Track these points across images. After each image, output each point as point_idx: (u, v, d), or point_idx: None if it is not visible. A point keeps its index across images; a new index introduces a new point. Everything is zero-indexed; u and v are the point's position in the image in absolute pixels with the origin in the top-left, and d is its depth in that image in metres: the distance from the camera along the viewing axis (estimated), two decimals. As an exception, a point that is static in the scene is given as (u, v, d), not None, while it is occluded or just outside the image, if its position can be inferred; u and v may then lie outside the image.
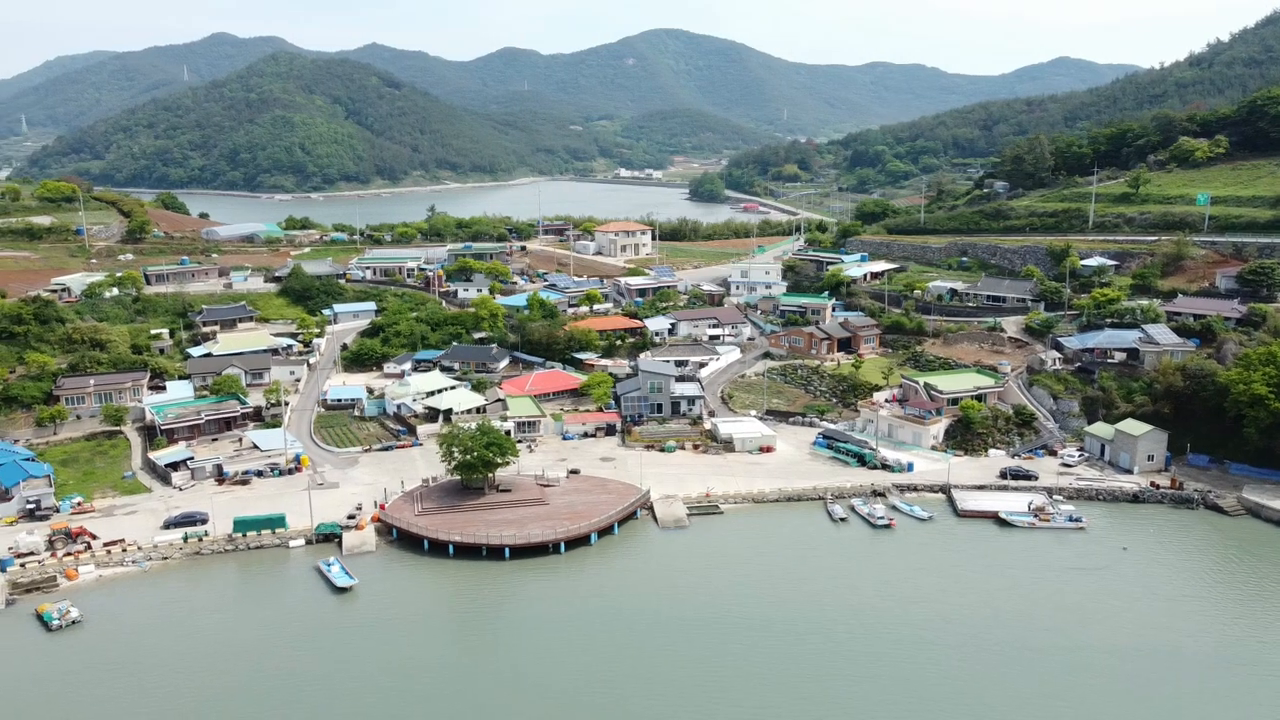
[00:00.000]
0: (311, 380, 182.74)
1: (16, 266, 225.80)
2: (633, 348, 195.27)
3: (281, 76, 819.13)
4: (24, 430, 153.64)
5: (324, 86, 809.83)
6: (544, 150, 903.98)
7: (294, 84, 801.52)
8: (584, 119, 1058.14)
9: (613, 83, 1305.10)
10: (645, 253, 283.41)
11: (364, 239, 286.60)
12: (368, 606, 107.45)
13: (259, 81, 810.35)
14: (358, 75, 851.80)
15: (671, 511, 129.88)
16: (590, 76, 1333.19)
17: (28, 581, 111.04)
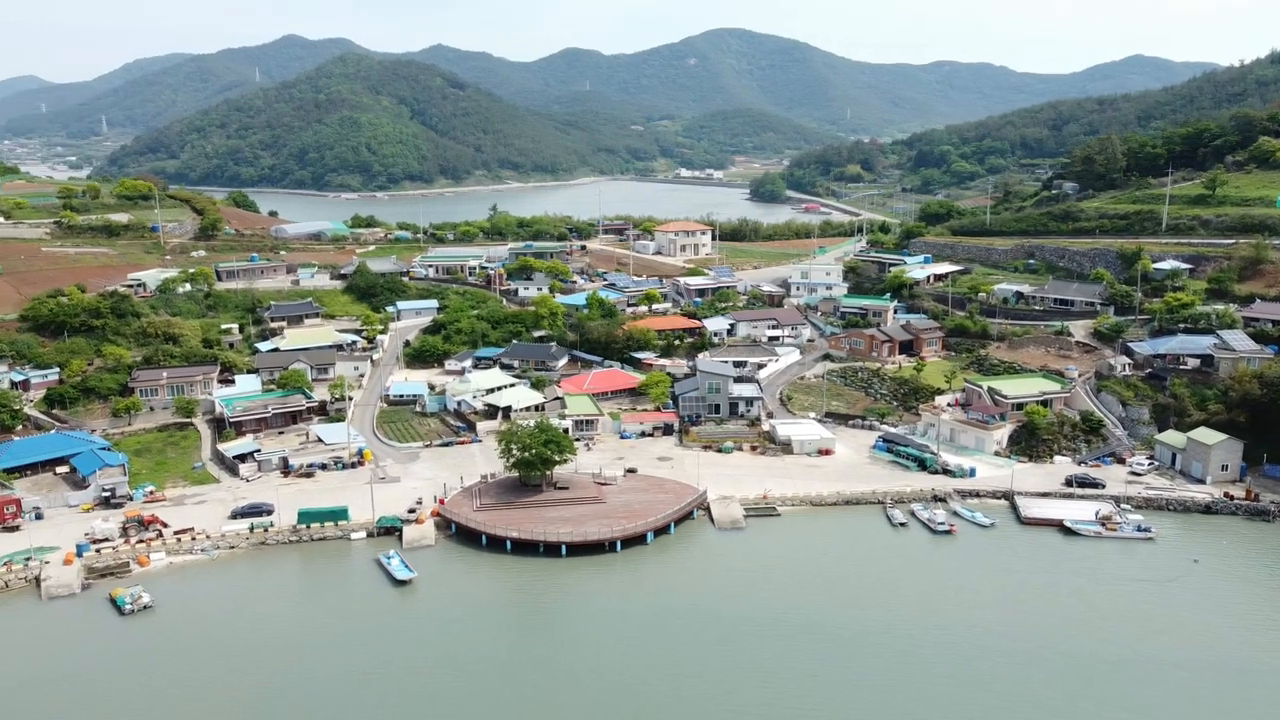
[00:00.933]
0: (375, 376, 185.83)
1: (95, 262, 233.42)
2: (691, 348, 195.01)
3: (349, 77, 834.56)
4: (101, 420, 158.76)
5: (390, 87, 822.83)
6: (605, 150, 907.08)
7: (361, 85, 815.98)
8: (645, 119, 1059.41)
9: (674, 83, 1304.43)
10: (705, 253, 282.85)
11: (427, 237, 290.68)
12: (426, 600, 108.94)
13: (327, 82, 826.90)
14: (423, 76, 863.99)
15: (728, 512, 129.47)
16: (652, 76, 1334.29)
17: (102, 567, 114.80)
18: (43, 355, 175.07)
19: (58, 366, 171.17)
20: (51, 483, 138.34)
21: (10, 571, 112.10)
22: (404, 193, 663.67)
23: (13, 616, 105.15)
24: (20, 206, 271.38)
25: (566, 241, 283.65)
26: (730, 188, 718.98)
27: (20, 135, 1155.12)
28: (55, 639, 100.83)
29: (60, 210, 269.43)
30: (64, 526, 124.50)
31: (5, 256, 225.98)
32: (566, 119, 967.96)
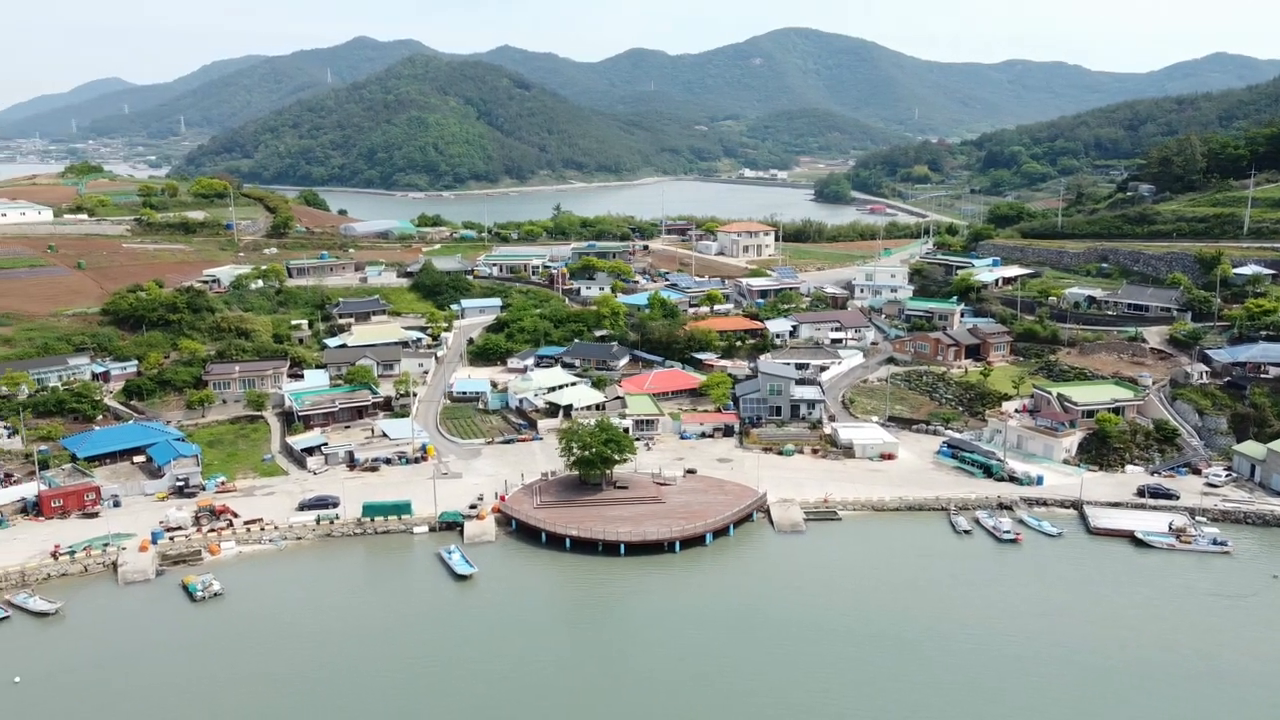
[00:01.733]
0: (439, 373, 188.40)
1: (173, 258, 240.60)
2: (753, 349, 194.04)
3: (418, 78, 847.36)
4: (175, 412, 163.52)
5: (457, 88, 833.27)
6: (669, 150, 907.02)
7: (429, 85, 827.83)
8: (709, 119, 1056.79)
9: (739, 83, 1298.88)
10: (768, 253, 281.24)
11: (492, 236, 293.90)
12: (486, 594, 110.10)
13: (396, 83, 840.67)
14: (489, 77, 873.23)
15: (788, 515, 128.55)
16: (716, 76, 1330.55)
17: (176, 554, 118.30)
18: (122, 348, 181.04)
19: (136, 359, 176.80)
20: (129, 471, 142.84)
21: (90, 556, 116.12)
22: (469, 192, 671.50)
23: (92, 599, 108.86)
24: (103, 204, 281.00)
25: (629, 241, 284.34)
26: (794, 188, 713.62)
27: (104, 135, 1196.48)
28: (131, 622, 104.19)
29: (140, 208, 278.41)
30: (140, 514, 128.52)
31: (89, 252, 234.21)
32: (630, 119, 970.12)
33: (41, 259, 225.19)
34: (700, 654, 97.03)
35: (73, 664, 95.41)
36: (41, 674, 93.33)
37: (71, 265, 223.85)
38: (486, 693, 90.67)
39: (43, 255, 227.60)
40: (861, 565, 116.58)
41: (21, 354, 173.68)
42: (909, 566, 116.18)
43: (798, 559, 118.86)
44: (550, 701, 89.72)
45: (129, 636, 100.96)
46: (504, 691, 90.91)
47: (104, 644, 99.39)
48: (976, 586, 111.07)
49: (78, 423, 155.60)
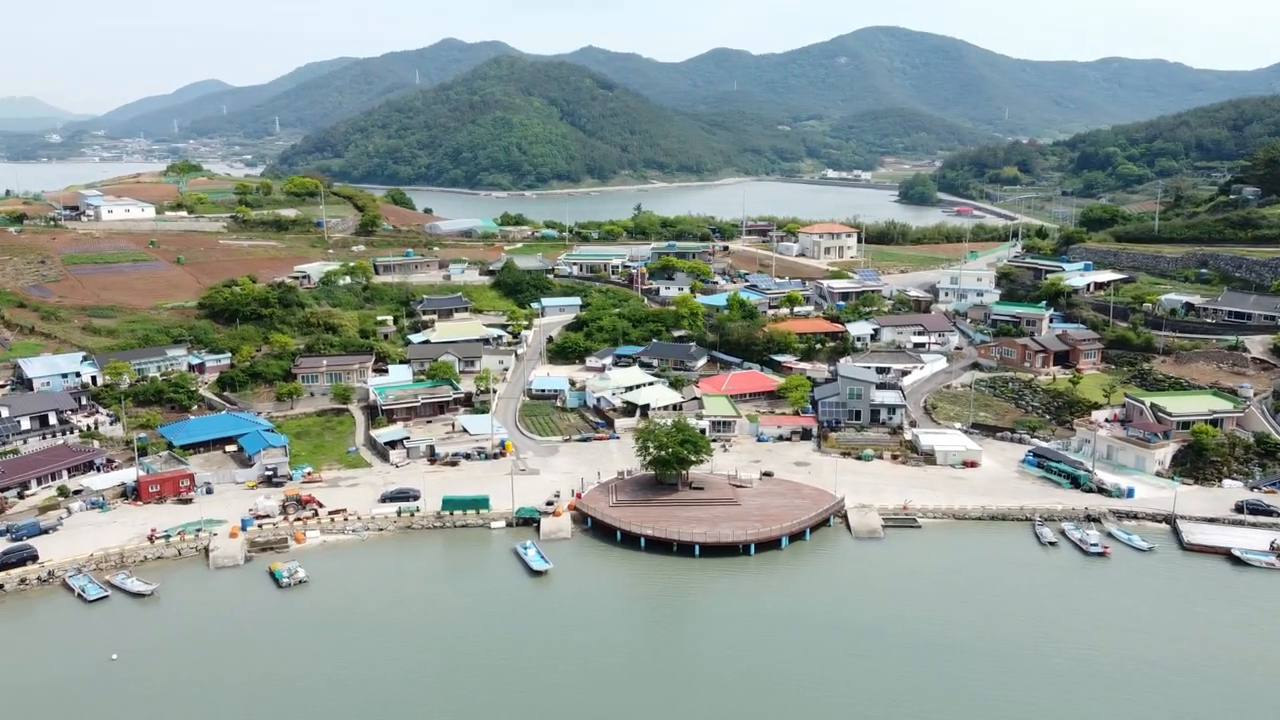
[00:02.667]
0: (518, 370, 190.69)
1: (266, 255, 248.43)
2: (833, 352, 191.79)
3: (503, 79, 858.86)
4: (266, 404, 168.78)
5: (541, 88, 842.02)
6: (750, 150, 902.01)
7: (514, 86, 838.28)
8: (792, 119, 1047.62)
9: (823, 82, 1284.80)
10: (850, 255, 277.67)
11: (572, 236, 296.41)
12: (560, 591, 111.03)
13: (482, 84, 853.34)
14: (573, 77, 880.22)
15: (866, 521, 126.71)
16: (800, 76, 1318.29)
17: (263, 541, 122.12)
18: (217, 341, 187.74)
19: (230, 351, 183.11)
20: (221, 460, 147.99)
21: (183, 541, 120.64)
22: (551, 192, 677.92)
23: (185, 582, 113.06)
24: (202, 202, 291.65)
25: (709, 242, 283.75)
26: (878, 189, 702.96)
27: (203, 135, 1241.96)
28: (220, 606, 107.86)
29: (236, 206, 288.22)
30: (230, 502, 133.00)
31: (187, 248, 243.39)
32: (713, 119, 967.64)
33: (144, 254, 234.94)
34: (772, 658, 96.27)
35: (166, 644, 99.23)
36: (137, 652, 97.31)
37: (171, 260, 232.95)
38: (558, 687, 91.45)
39: (145, 250, 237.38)
40: (941, 574, 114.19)
41: (124, 345, 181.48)
42: (990, 577, 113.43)
43: (875, 566, 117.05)
44: (620, 699, 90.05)
45: (219, 619, 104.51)
46: (575, 687, 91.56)
47: (195, 625, 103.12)
48: (1061, 599, 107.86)
49: (174, 412, 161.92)
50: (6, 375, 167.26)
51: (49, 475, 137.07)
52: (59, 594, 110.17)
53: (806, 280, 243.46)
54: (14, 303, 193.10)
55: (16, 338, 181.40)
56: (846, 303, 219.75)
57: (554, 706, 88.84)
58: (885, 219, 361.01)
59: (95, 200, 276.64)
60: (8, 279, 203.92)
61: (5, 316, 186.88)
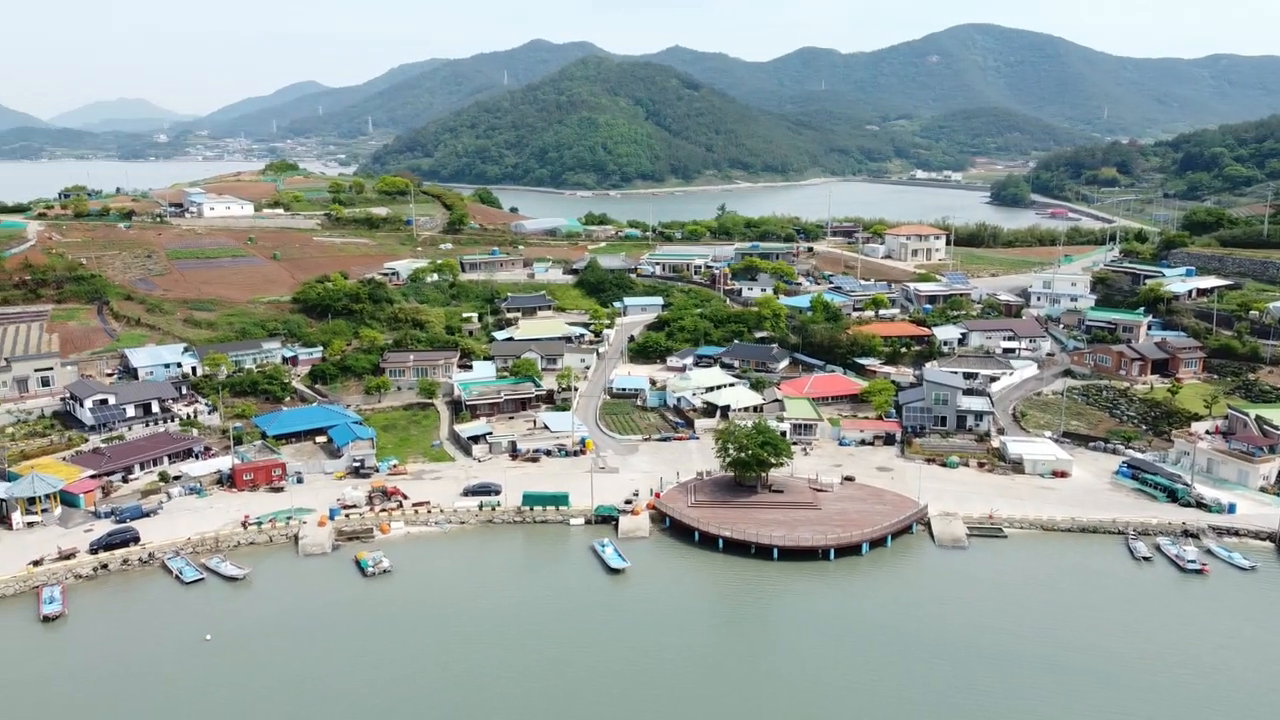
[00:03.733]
0: (599, 368, 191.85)
1: (357, 251, 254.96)
2: (918, 356, 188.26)
3: (589, 80, 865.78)
4: (355, 396, 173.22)
5: (627, 89, 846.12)
6: (837, 150, 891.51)
7: (600, 87, 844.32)
8: (881, 118, 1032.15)
9: (913, 81, 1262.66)
10: (938, 258, 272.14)
11: (655, 235, 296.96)
12: (637, 589, 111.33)
13: (569, 85, 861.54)
14: (659, 77, 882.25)
15: (950, 530, 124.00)
16: (890, 75, 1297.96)
17: (350, 531, 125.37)
18: (310, 335, 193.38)
19: (321, 345, 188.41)
20: (311, 451, 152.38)
21: (274, 528, 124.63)
22: (635, 191, 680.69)
23: (275, 567, 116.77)
24: (298, 200, 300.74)
25: (793, 243, 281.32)
26: (969, 190, 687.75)
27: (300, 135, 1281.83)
28: (308, 592, 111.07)
29: (330, 204, 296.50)
30: (320, 491, 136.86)
31: (283, 244, 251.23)
32: (799, 119, 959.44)
33: (242, 250, 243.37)
34: (849, 665, 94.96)
35: (257, 627, 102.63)
36: (229, 633, 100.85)
37: (268, 256, 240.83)
38: (634, 685, 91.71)
39: (243, 246, 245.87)
40: (1027, 586, 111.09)
41: (222, 337, 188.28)
42: (1079, 591, 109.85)
43: (958, 575, 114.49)
44: (695, 700, 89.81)
45: (307, 605, 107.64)
46: (650, 685, 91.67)
47: (285, 610, 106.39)
48: (1155, 617, 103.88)
49: (268, 403, 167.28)
50: (114, 364, 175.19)
51: (151, 461, 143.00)
52: (158, 575, 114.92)
53: (892, 283, 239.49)
54: (122, 295, 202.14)
55: (124, 329, 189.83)
56: (933, 306, 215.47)
57: (629, 704, 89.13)
58: (975, 221, 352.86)
59: (198, 198, 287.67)
60: (116, 273, 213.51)
61: (114, 308, 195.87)
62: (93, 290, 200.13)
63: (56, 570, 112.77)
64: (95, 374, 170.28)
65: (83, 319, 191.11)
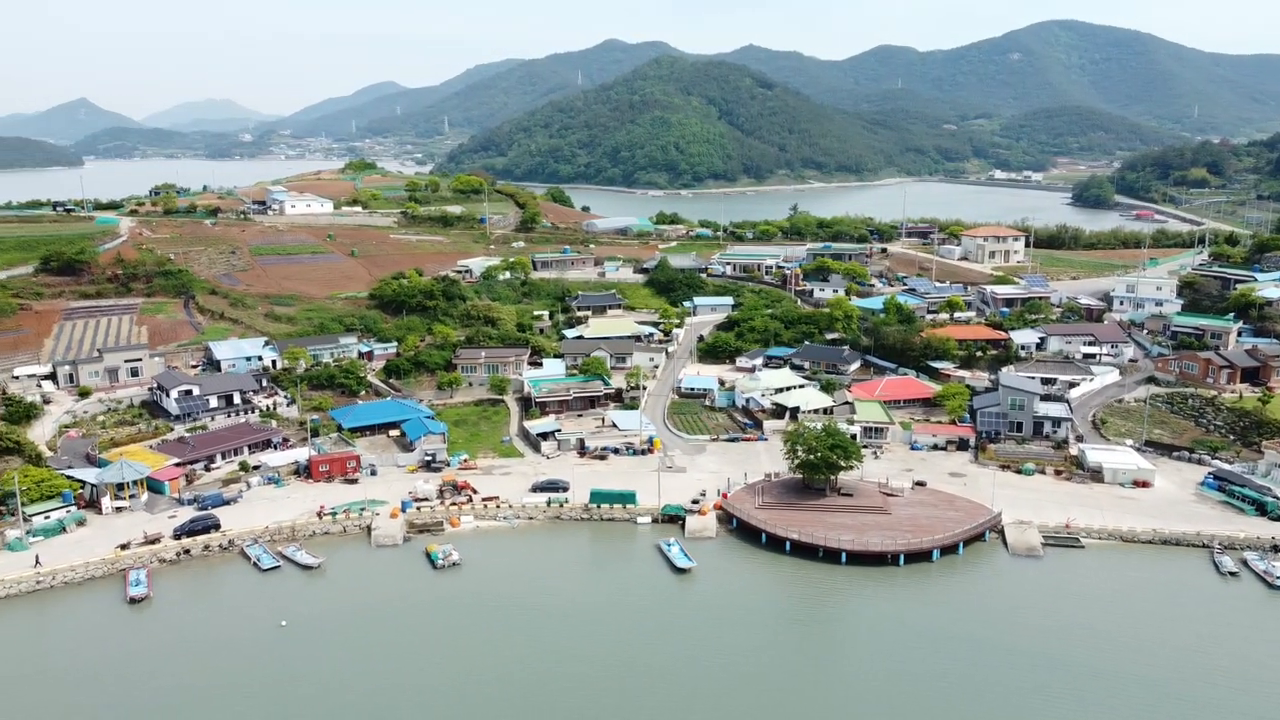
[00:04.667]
0: (668, 368, 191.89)
1: (432, 249, 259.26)
2: (994, 360, 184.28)
3: (663, 79, 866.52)
4: (427, 391, 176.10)
5: (700, 88, 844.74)
6: (913, 150, 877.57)
7: (673, 86, 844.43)
8: (959, 118, 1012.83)
9: (993, 79, 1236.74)
10: (1016, 260, 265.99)
11: (726, 235, 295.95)
12: (703, 589, 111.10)
13: (642, 84, 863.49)
14: (732, 76, 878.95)
15: (1024, 538, 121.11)
16: (969, 73, 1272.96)
17: (421, 523, 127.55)
18: (385, 330, 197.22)
19: (396, 341, 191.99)
20: (385, 444, 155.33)
21: (348, 518, 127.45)
22: (707, 191, 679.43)
23: (348, 557, 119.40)
24: (375, 198, 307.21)
25: (866, 243, 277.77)
26: (1049, 191, 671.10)
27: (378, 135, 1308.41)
28: (380, 582, 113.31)
29: (406, 202, 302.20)
30: (392, 484, 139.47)
31: (361, 242, 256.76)
32: (874, 118, 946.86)
33: (321, 246, 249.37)
34: (917, 672, 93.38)
35: (330, 614, 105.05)
36: (303, 620, 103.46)
37: (346, 253, 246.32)
38: (697, 684, 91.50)
39: (323, 243, 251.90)
40: (1104, 598, 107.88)
41: (301, 331, 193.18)
42: (1160, 605, 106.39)
43: (1032, 585, 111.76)
44: (758, 700, 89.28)
45: (378, 595, 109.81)
46: (714, 685, 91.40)
47: (357, 599, 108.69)
48: (1240, 633, 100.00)
49: (344, 396, 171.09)
50: (199, 357, 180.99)
51: (232, 451, 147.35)
52: (237, 561, 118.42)
53: (968, 285, 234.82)
54: (207, 290, 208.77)
55: (208, 322, 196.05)
56: (1011, 309, 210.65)
57: (693, 703, 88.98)
58: (1056, 222, 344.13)
59: (280, 196, 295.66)
60: (202, 268, 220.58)
61: (199, 302, 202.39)
62: (180, 285, 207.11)
63: (142, 554, 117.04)
64: (181, 365, 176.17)
65: (170, 312, 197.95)
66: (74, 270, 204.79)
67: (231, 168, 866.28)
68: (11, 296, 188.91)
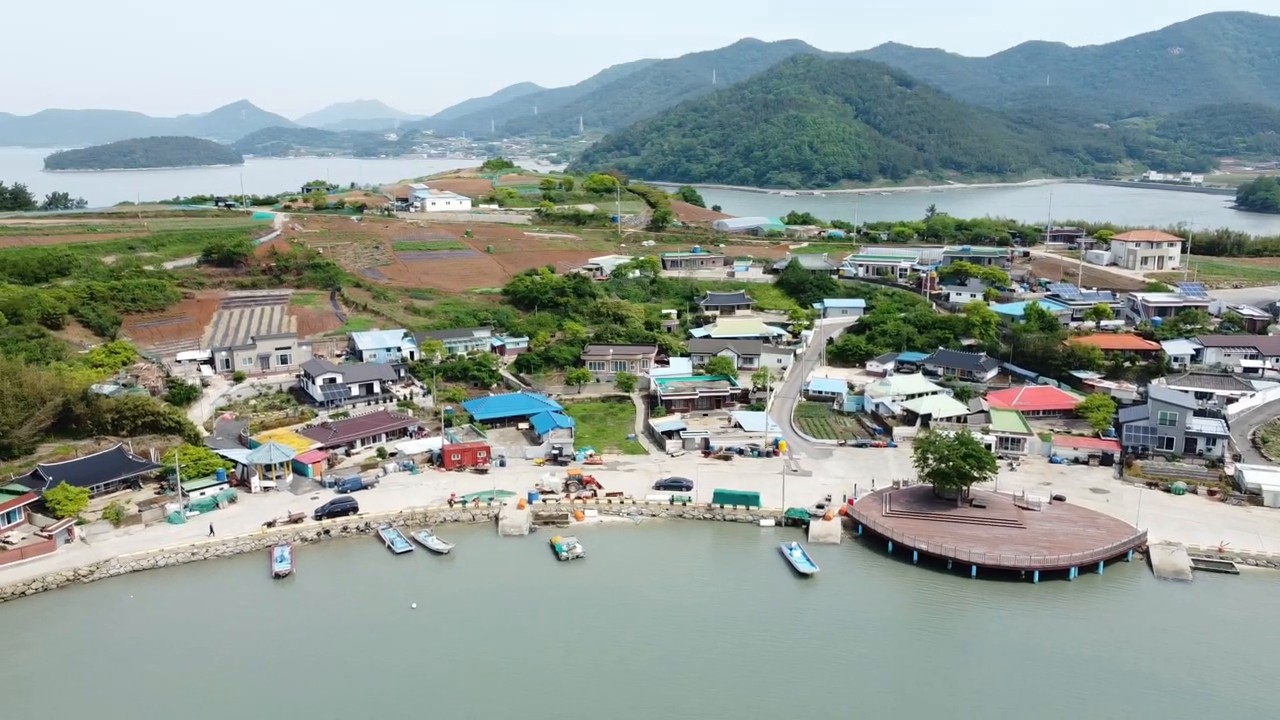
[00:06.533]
0: (796, 370, 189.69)
1: (565, 246, 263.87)
2: (1143, 371, 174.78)
3: (798, 78, 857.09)
4: (556, 387, 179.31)
5: (837, 86, 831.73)
6: (1061, 150, 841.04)
7: (809, 85, 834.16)
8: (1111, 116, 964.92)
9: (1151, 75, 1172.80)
10: (1171, 266, 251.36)
11: (859, 236, 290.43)
12: (824, 596, 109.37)
13: (777, 83, 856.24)
14: (870, 75, 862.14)
15: (1172, 561, 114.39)
16: (1123, 69, 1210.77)
17: (546, 515, 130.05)
18: (517, 325, 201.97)
19: (527, 336, 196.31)
20: (514, 436, 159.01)
21: (477, 507, 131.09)
22: (841, 191, 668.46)
23: (476, 545, 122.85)
24: (511, 196, 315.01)
25: (1007, 247, 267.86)
26: (1211, 194, 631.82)
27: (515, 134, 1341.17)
28: (506, 570, 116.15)
29: (540, 200, 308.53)
30: (520, 476, 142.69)
31: (496, 239, 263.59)
32: (1020, 117, 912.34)
33: (459, 243, 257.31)
34: (1050, 693, 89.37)
35: (458, 599, 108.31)
36: (433, 603, 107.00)
37: (482, 249, 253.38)
38: (817, 687, 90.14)
39: (460, 239, 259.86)
40: (1260, 628, 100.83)
41: (438, 325, 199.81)
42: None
43: (1178, 611, 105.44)
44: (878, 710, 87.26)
45: (504, 583, 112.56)
46: (834, 692, 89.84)
47: (484, 586, 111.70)
48: None
49: (476, 388, 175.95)
50: (342, 346, 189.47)
51: (371, 437, 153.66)
52: (372, 544, 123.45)
53: (1117, 292, 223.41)
54: (352, 283, 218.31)
55: (352, 314, 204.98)
56: (1163, 318, 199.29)
57: (812, 707, 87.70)
58: (1217, 227, 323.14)
59: (422, 193, 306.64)
60: (348, 261, 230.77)
61: (344, 294, 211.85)
62: (327, 277, 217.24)
63: (286, 532, 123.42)
64: (326, 354, 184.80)
65: (317, 303, 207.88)
66: (232, 262, 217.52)
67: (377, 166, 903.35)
68: (177, 286, 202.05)
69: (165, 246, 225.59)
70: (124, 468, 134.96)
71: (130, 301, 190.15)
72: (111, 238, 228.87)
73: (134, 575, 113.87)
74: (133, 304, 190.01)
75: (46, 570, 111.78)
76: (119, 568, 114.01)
